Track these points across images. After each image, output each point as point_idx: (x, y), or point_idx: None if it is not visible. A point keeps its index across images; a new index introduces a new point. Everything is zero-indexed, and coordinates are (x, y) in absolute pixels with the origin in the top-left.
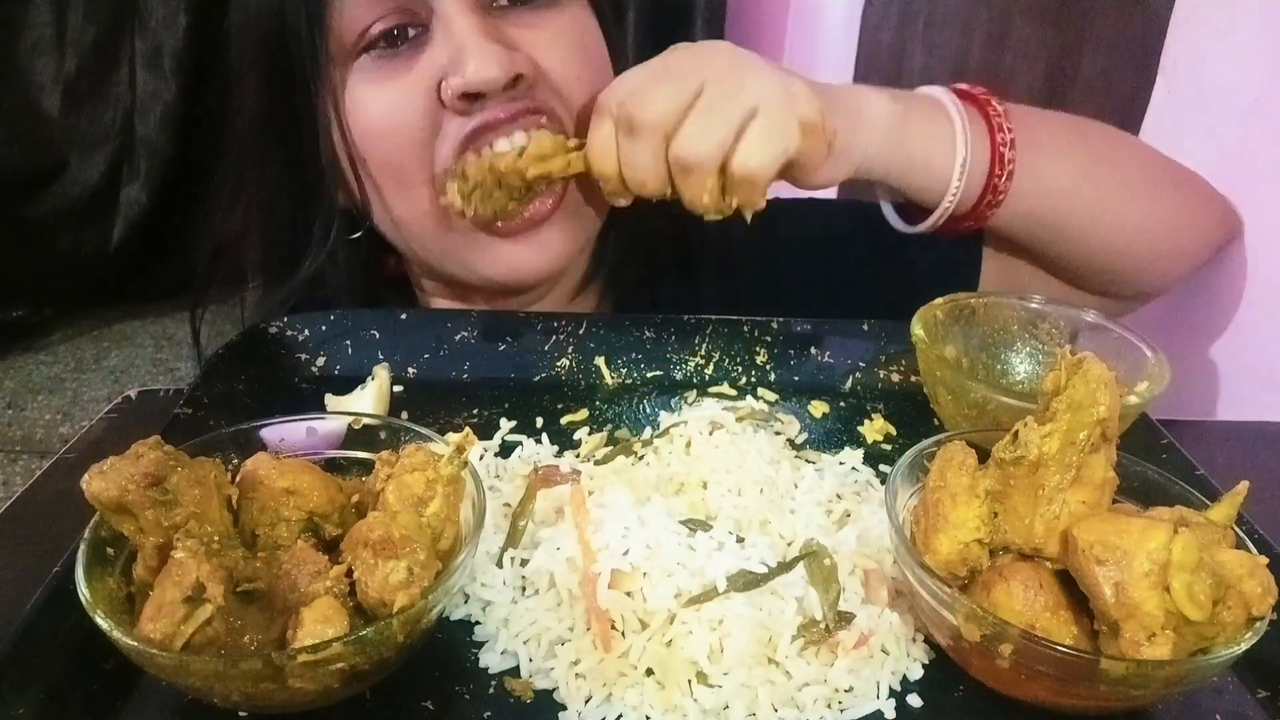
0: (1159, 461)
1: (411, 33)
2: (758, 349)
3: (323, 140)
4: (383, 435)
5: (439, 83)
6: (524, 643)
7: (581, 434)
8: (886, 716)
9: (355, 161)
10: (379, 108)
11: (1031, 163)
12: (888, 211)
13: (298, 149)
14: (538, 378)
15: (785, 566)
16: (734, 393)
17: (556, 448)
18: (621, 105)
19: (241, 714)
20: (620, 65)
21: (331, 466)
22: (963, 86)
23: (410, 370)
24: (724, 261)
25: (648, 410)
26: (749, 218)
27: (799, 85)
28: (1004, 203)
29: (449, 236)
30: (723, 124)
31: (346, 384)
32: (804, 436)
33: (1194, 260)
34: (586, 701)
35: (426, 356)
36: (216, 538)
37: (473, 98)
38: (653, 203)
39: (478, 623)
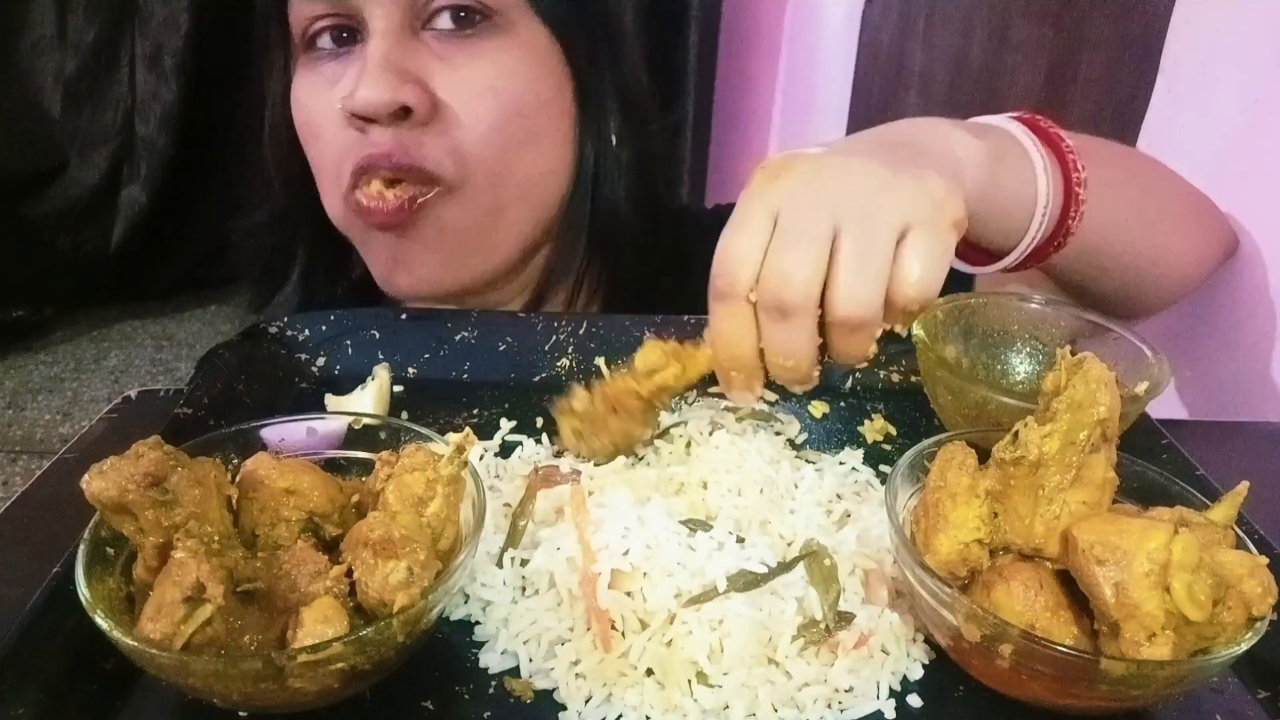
0: (1159, 461)
1: (359, 39)
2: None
3: (270, 129)
4: (383, 435)
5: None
6: (524, 643)
7: None
8: (886, 716)
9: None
10: (306, 112)
11: (1097, 201)
12: None
13: (278, 139)
14: (538, 378)
15: (785, 566)
16: None
17: (556, 448)
18: (762, 290)
19: (241, 714)
20: (623, 71)
21: (331, 466)
22: (1029, 117)
23: (410, 370)
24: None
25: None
26: (904, 333)
27: (935, 180)
28: (1078, 226)
29: (350, 236)
30: (879, 263)
31: (346, 384)
32: (804, 436)
33: (1200, 284)
34: (586, 701)
35: (426, 356)
36: (216, 538)
37: (360, 119)
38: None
39: (478, 623)
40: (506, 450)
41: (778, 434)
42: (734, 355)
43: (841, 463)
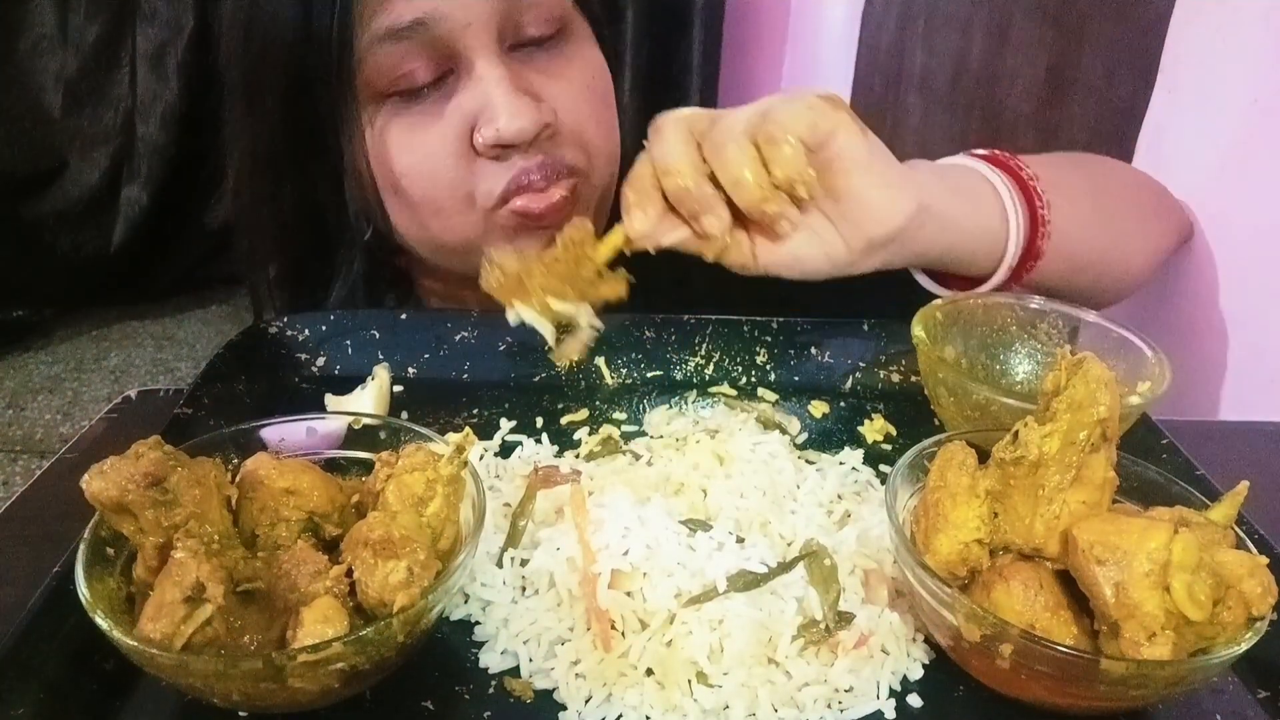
0: (1159, 461)
1: (439, 74)
2: (758, 349)
3: (349, 175)
4: (383, 435)
5: (470, 130)
6: (524, 643)
7: (581, 434)
8: (886, 716)
9: (384, 193)
10: (414, 155)
11: (1060, 221)
12: (920, 275)
13: (313, 176)
14: (538, 378)
15: (785, 567)
16: (734, 393)
17: (556, 448)
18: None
19: (241, 714)
20: (619, 79)
21: (331, 466)
22: (983, 152)
23: (410, 370)
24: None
25: (648, 410)
26: (806, 195)
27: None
28: (1043, 256)
29: (485, 244)
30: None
31: (346, 384)
32: (804, 436)
33: (1156, 273)
34: (586, 701)
35: (426, 356)
36: (216, 538)
37: (505, 146)
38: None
39: (478, 623)
40: (506, 450)
41: (779, 433)
42: (634, 174)
43: (841, 463)
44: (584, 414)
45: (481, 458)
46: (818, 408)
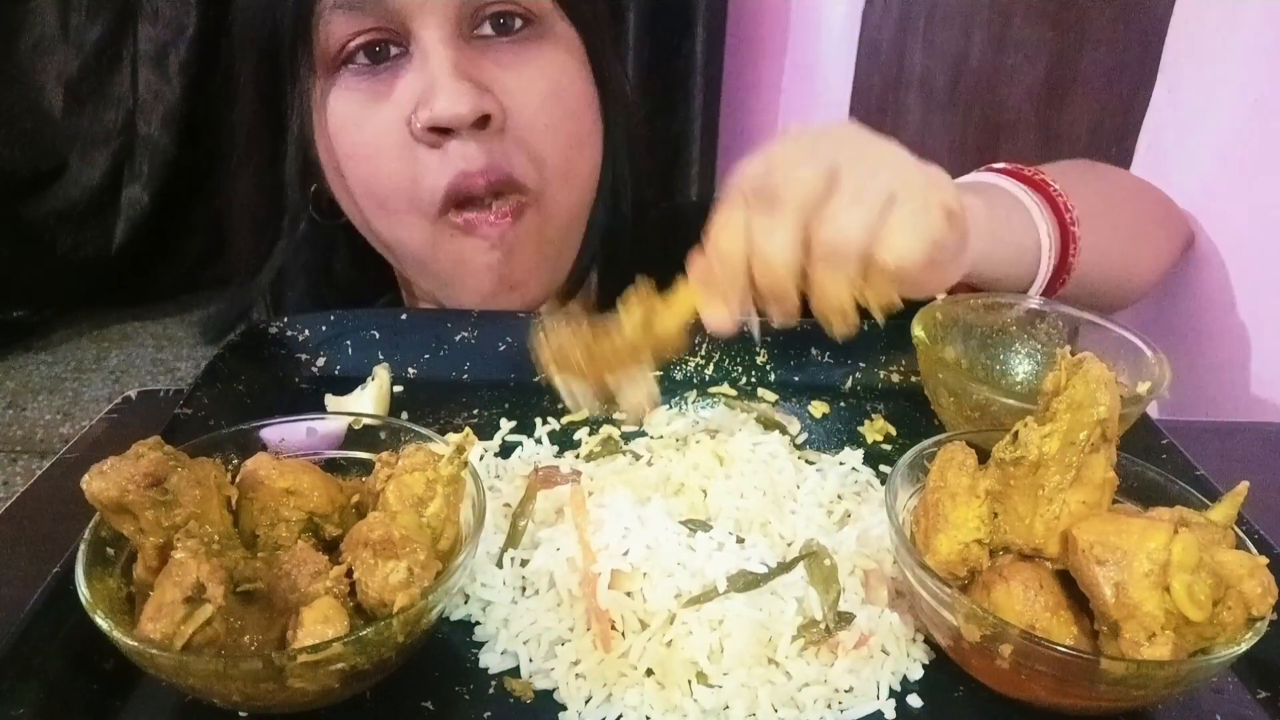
0: (1159, 461)
1: (393, 51)
2: (758, 349)
3: (294, 148)
4: (383, 435)
5: (411, 114)
6: (524, 643)
7: (581, 434)
8: (886, 717)
9: (333, 180)
10: (357, 133)
11: (1089, 234)
12: None
13: (281, 149)
14: (538, 377)
15: (785, 567)
16: (734, 393)
17: (556, 448)
18: (758, 181)
19: (241, 714)
20: (621, 81)
21: (331, 467)
22: (1010, 168)
23: (410, 370)
24: None
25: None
26: (882, 320)
27: (936, 170)
28: (1075, 272)
29: (434, 262)
30: (869, 208)
31: (346, 384)
32: (804, 436)
33: (1161, 280)
34: (586, 702)
35: (426, 356)
36: (216, 538)
37: (441, 131)
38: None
39: (478, 623)
40: (506, 450)
41: (780, 434)
42: (722, 252)
43: (841, 463)
44: (584, 414)
45: (481, 458)
46: (818, 408)
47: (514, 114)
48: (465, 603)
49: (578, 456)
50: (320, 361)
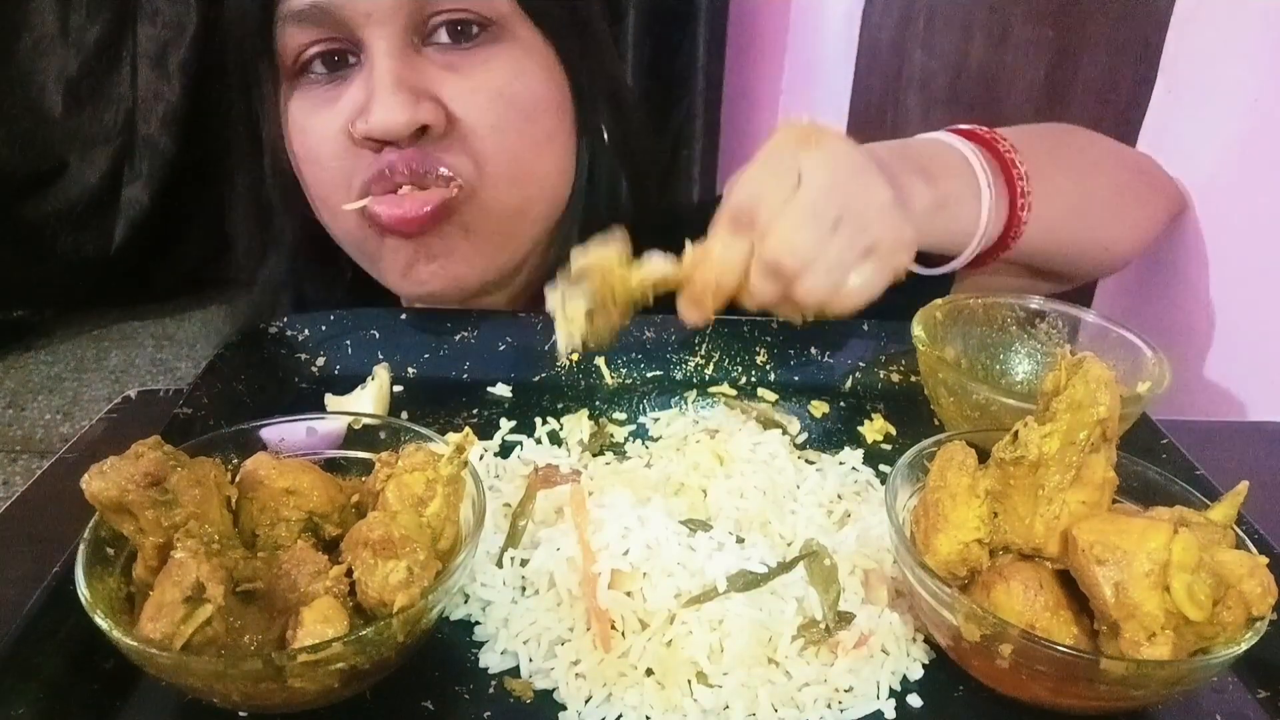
0: (1159, 461)
1: (351, 60)
2: (758, 349)
3: (268, 152)
4: (383, 435)
5: (350, 122)
6: (524, 643)
7: (576, 432)
8: (886, 716)
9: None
10: (306, 136)
11: (1040, 210)
12: None
13: (262, 148)
14: (538, 378)
15: (785, 567)
16: (734, 393)
17: (556, 447)
18: (770, 249)
19: (241, 714)
20: (609, 71)
21: (331, 466)
22: (967, 129)
23: (410, 370)
24: None
25: (648, 410)
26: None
27: (908, 229)
28: (1022, 234)
29: (366, 252)
30: (846, 269)
31: (346, 384)
32: (804, 436)
33: (1146, 249)
34: (586, 701)
35: (426, 356)
36: (216, 538)
37: (376, 141)
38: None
39: (478, 623)
40: (506, 450)
41: (780, 433)
42: (719, 279)
43: (841, 463)
44: (584, 414)
45: (481, 458)
46: (818, 408)
47: (458, 121)
48: (465, 602)
49: (583, 448)
50: (320, 361)
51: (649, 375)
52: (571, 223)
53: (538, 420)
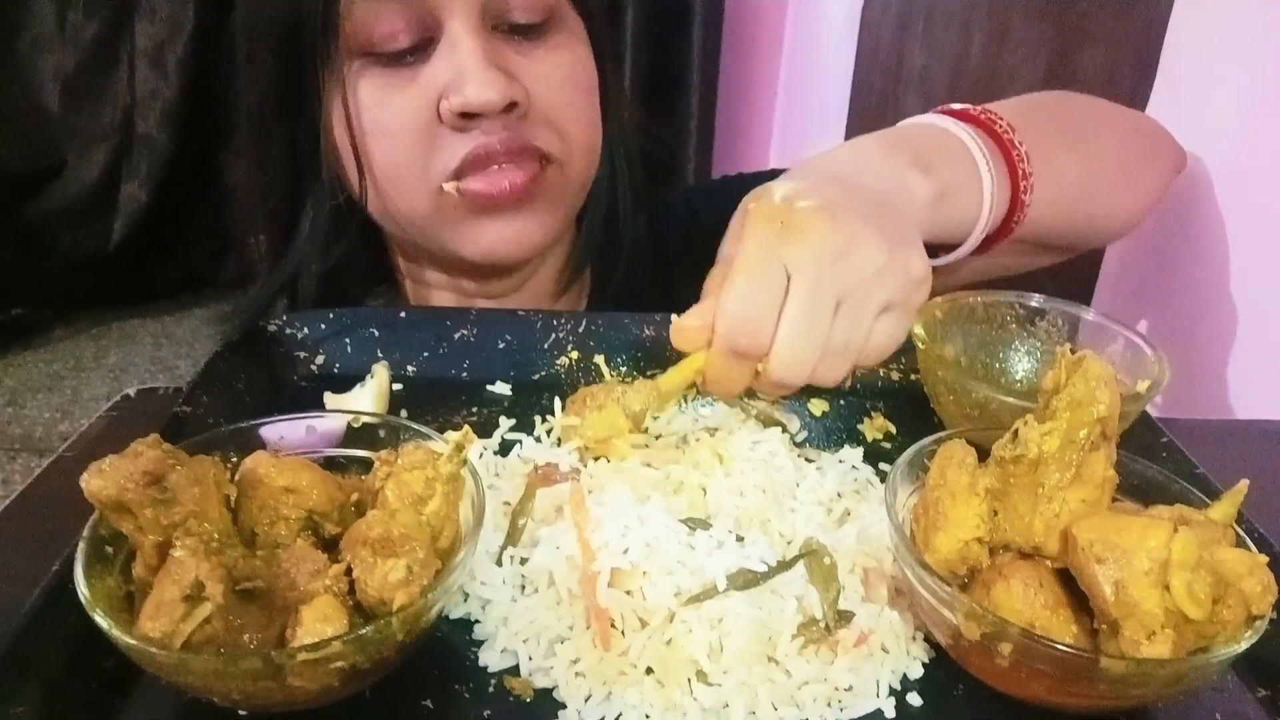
0: (1159, 460)
1: (421, 39)
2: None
3: (323, 131)
4: (382, 434)
5: (438, 98)
6: (524, 641)
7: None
8: (886, 715)
9: (346, 158)
10: (382, 114)
11: (1042, 190)
12: None
13: (297, 135)
14: (537, 376)
15: (785, 565)
16: None
17: (556, 445)
18: (774, 367)
19: (241, 713)
20: (615, 85)
21: (331, 465)
22: (961, 109)
23: (410, 368)
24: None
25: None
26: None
27: (916, 264)
28: (1026, 216)
29: (436, 222)
30: (857, 347)
31: (346, 382)
32: (804, 434)
33: (1149, 212)
34: (586, 700)
35: (426, 355)
36: (216, 536)
37: (470, 117)
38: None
39: (477, 621)
40: (506, 449)
41: (780, 432)
42: (723, 393)
43: (841, 461)
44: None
45: (481, 456)
46: (817, 406)
47: (537, 99)
48: (465, 601)
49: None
50: (319, 359)
51: (649, 374)
52: (597, 217)
53: (537, 418)
